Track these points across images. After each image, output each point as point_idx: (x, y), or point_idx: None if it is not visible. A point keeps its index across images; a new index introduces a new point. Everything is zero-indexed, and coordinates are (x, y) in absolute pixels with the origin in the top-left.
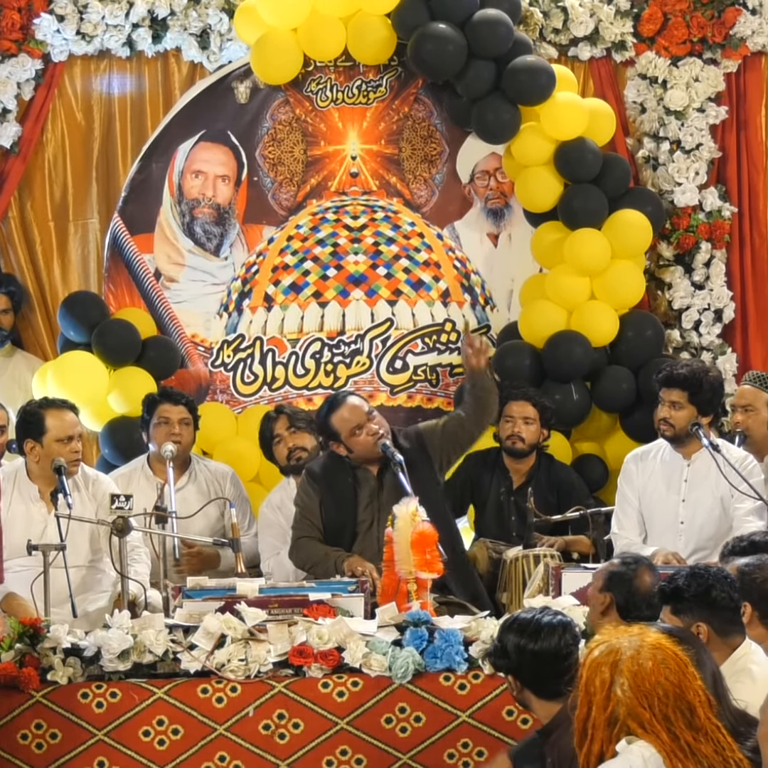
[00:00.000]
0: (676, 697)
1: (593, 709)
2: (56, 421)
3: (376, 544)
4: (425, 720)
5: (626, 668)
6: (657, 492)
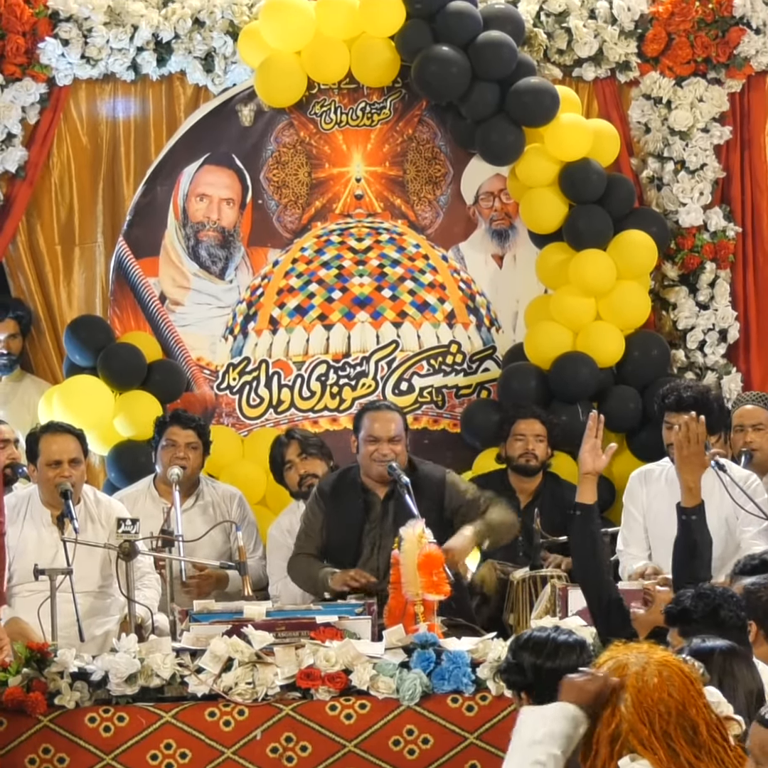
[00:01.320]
0: (679, 714)
1: (598, 724)
2: (46, 445)
3: (374, 570)
4: (433, 742)
5: (630, 684)
6: (661, 511)
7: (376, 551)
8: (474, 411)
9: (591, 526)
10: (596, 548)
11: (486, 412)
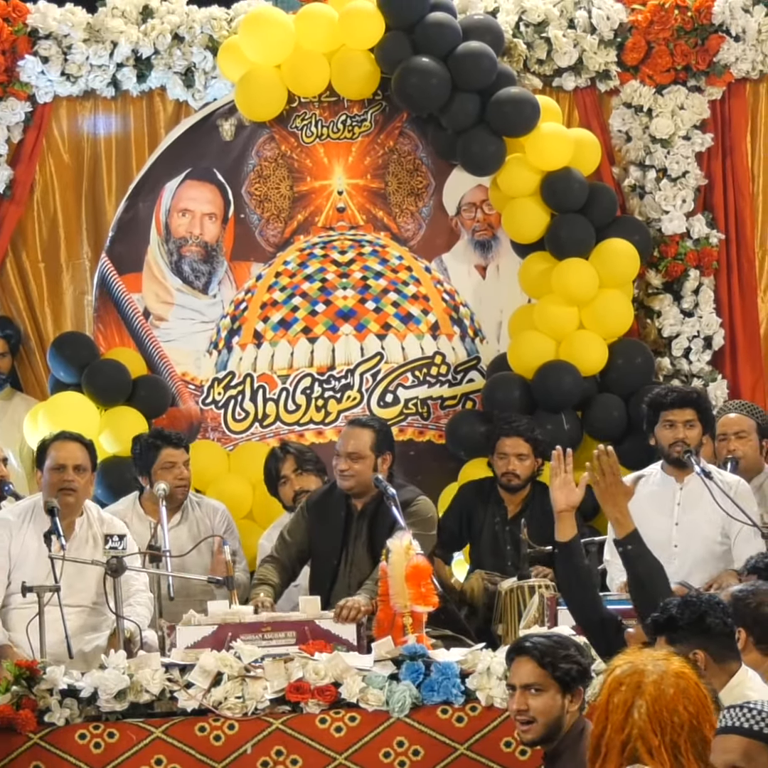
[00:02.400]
0: (692, 728)
1: (608, 727)
2: (54, 451)
3: (346, 588)
4: (424, 753)
5: (647, 692)
6: (649, 516)
7: (348, 568)
8: (459, 422)
9: (572, 560)
10: (580, 580)
11: (471, 423)
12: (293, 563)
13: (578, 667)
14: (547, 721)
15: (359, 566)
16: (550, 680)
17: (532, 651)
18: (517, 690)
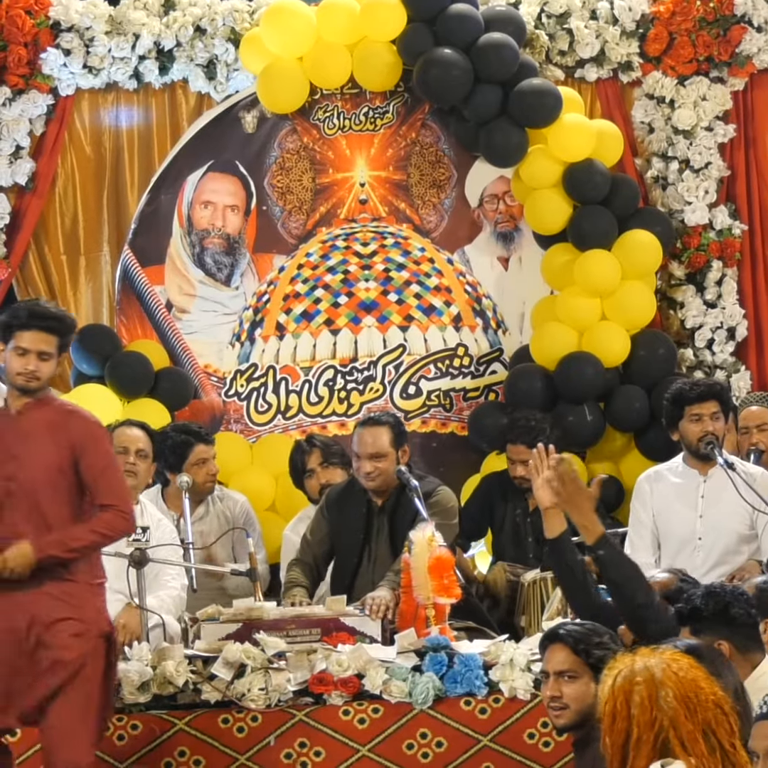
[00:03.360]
0: (716, 704)
1: (635, 729)
2: (117, 436)
3: (370, 584)
4: (447, 745)
5: (667, 680)
6: (673, 510)
7: (372, 565)
8: (482, 414)
9: (564, 556)
10: (574, 575)
11: (494, 415)
12: (319, 563)
13: (612, 654)
14: (579, 707)
15: (382, 562)
16: (584, 667)
17: (566, 638)
18: (551, 677)
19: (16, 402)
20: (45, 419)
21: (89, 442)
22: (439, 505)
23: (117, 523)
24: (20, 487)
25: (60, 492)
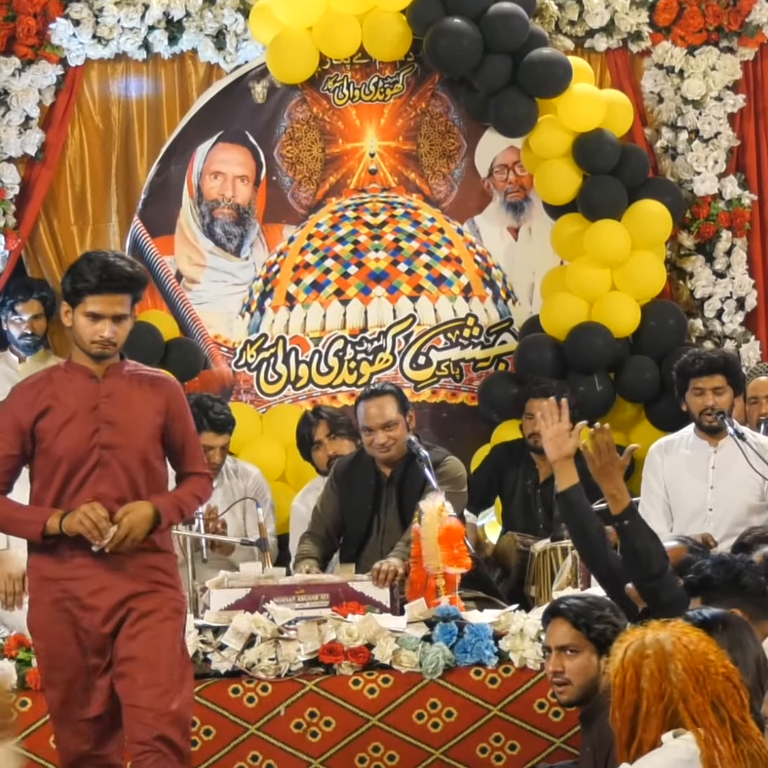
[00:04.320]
0: (725, 676)
1: (644, 702)
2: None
3: (379, 554)
4: (457, 715)
5: (677, 652)
6: (684, 480)
7: (380, 536)
8: (492, 384)
9: (574, 509)
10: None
11: (503, 385)
12: (330, 535)
13: (613, 628)
14: (582, 682)
15: (391, 532)
16: (585, 641)
17: (567, 613)
18: (553, 652)
19: (93, 366)
20: (132, 384)
21: (180, 406)
22: (448, 474)
23: (209, 490)
24: (115, 455)
25: (152, 459)
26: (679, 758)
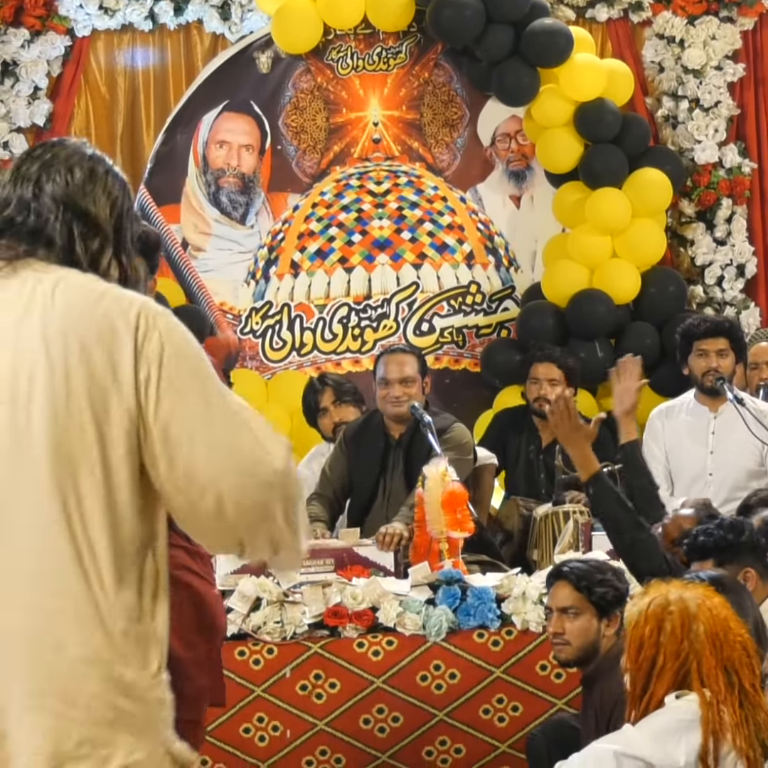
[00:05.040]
0: (743, 644)
1: (661, 657)
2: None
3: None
4: (460, 677)
5: (702, 615)
6: (684, 445)
7: (386, 500)
8: (494, 350)
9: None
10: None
11: (506, 352)
12: (338, 497)
13: (614, 592)
14: (581, 643)
15: (397, 497)
16: (586, 604)
17: (569, 575)
18: (554, 613)
19: None
20: None
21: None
22: (454, 441)
23: None
24: None
25: None
26: (682, 719)
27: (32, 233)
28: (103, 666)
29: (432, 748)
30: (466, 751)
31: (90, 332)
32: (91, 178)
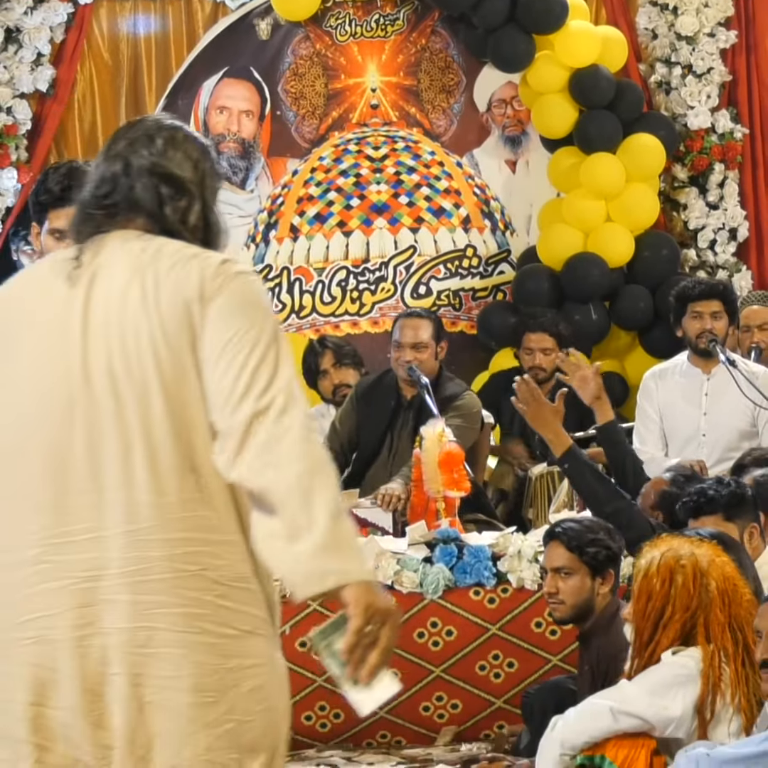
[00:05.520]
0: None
1: (670, 608)
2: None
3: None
4: (456, 634)
5: (713, 570)
6: (677, 407)
7: (391, 458)
8: (490, 313)
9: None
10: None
11: (502, 314)
12: (344, 451)
13: (606, 551)
14: (575, 602)
15: (402, 456)
16: (579, 563)
17: (562, 536)
18: (549, 573)
19: None
20: None
21: None
22: (464, 408)
23: None
24: None
25: None
26: (678, 674)
27: (127, 204)
28: None
29: (429, 704)
30: (463, 707)
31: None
32: (172, 145)
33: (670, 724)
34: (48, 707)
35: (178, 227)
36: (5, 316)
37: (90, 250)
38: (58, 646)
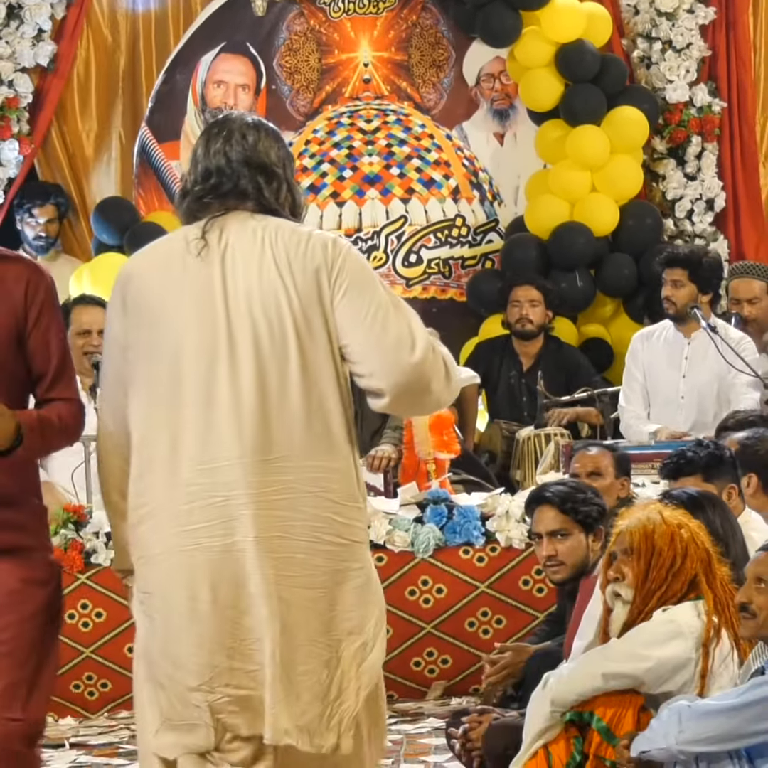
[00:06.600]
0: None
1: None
2: (77, 316)
3: None
4: (446, 591)
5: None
6: (660, 368)
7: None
8: (479, 280)
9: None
10: None
11: (490, 281)
12: None
13: (598, 508)
14: (574, 561)
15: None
16: (573, 523)
17: (553, 499)
18: (544, 537)
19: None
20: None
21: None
22: None
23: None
24: None
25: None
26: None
27: (234, 191)
28: None
29: (420, 659)
30: (452, 662)
31: (306, 263)
32: (259, 138)
33: (660, 679)
34: (201, 601)
35: (275, 206)
36: (147, 289)
37: (213, 231)
38: (214, 551)
